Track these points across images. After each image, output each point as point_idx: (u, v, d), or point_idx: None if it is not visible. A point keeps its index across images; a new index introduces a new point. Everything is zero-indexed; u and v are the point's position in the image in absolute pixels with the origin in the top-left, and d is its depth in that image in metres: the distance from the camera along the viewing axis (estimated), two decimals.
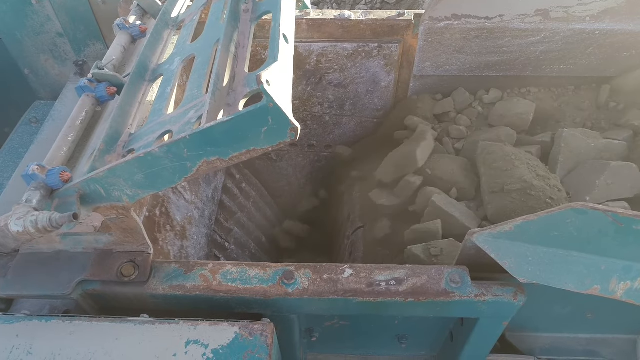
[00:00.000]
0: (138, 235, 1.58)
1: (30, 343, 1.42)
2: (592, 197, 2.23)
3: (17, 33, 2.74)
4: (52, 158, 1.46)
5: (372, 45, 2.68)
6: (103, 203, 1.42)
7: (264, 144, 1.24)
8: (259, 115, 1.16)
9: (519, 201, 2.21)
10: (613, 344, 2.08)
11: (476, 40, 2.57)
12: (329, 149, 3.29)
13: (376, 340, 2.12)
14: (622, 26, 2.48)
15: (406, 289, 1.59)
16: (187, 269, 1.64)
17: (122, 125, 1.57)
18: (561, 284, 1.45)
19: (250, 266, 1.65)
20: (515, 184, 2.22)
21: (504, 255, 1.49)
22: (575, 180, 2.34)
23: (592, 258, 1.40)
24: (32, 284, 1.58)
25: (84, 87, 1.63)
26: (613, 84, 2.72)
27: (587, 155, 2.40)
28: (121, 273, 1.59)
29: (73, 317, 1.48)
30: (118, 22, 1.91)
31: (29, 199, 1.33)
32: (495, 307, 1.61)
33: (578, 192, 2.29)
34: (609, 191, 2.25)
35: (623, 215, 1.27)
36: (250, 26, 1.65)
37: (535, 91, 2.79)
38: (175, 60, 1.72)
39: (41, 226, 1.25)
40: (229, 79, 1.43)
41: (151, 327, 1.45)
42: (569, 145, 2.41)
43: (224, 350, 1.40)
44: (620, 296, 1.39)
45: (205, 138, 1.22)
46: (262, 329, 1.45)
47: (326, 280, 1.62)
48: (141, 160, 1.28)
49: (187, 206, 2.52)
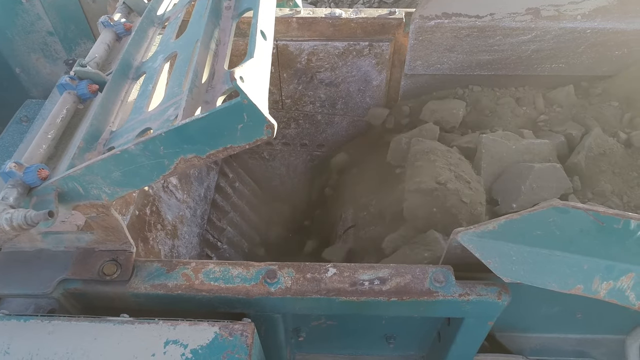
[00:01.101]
0: (120, 233, 1.57)
1: (8, 343, 1.41)
2: (519, 204, 2.23)
3: (7, 32, 2.74)
4: (31, 155, 1.45)
5: (363, 43, 2.66)
6: (82, 201, 1.41)
7: (240, 141, 1.23)
8: (233, 112, 1.15)
9: (430, 201, 2.21)
10: (602, 344, 2.06)
11: (467, 39, 2.56)
12: (321, 148, 3.28)
13: (364, 340, 2.11)
14: (614, 25, 2.47)
15: (389, 289, 1.58)
16: (169, 267, 1.62)
17: (104, 122, 1.56)
18: (544, 283, 1.44)
19: (233, 265, 1.64)
20: (428, 183, 2.22)
21: (488, 254, 1.48)
22: (502, 186, 2.34)
23: (574, 257, 1.39)
24: (13, 283, 1.57)
25: (65, 85, 1.61)
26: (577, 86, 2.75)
27: (509, 158, 2.39)
28: (103, 272, 1.58)
29: (52, 317, 1.47)
30: (102, 20, 1.90)
31: (5, 196, 1.31)
32: (480, 307, 1.60)
33: (505, 200, 2.28)
34: (535, 195, 2.24)
35: (604, 214, 1.26)
36: (231, 23, 1.63)
37: (478, 90, 2.80)
38: (158, 58, 1.71)
39: (16, 224, 1.24)
40: (208, 76, 1.42)
41: (130, 326, 1.44)
42: (490, 150, 2.40)
43: (203, 351, 1.39)
44: (604, 296, 1.38)
45: (180, 135, 1.21)
46: (242, 329, 1.44)
47: (309, 280, 1.60)
48: (118, 157, 1.27)
49: (179, 205, 2.50)
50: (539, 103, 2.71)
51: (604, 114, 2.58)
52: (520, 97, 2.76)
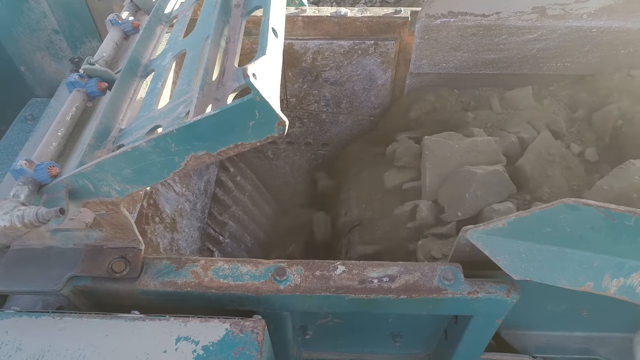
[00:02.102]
0: (129, 231, 1.57)
1: (19, 339, 1.42)
2: (464, 212, 2.24)
3: (12, 30, 2.73)
4: (41, 153, 1.45)
5: (369, 42, 2.66)
6: (92, 198, 1.41)
7: (251, 139, 1.23)
8: (245, 108, 1.15)
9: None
10: (609, 342, 2.06)
11: (473, 38, 2.56)
12: (325, 147, 3.28)
13: (370, 338, 2.11)
14: (620, 23, 2.47)
15: (399, 286, 1.58)
16: (178, 265, 1.63)
17: (113, 120, 1.56)
18: (554, 281, 1.44)
19: (243, 262, 1.64)
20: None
21: (497, 252, 1.48)
22: (446, 193, 2.33)
23: (585, 254, 1.39)
24: (22, 280, 1.57)
25: (75, 83, 1.62)
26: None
27: (454, 158, 2.38)
28: (112, 269, 1.59)
29: (63, 313, 1.48)
30: (110, 18, 1.91)
31: (16, 193, 1.32)
32: (489, 305, 1.60)
33: (451, 207, 2.28)
34: (480, 201, 2.24)
35: (615, 211, 1.26)
36: (241, 21, 1.64)
37: (444, 92, 2.81)
38: (167, 56, 1.71)
39: (28, 221, 1.24)
40: (219, 74, 1.42)
41: (141, 323, 1.44)
42: (433, 151, 2.40)
43: (214, 347, 1.39)
44: (614, 293, 1.38)
45: (192, 132, 1.21)
46: (253, 325, 1.44)
47: (318, 277, 1.61)
48: (129, 154, 1.27)
49: (177, 198, 2.49)
50: (495, 104, 2.72)
51: (556, 119, 2.59)
52: (479, 97, 2.78)
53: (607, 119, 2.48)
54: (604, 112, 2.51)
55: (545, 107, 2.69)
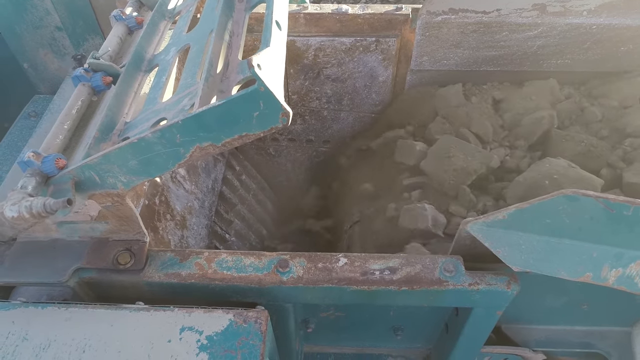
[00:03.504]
0: (134, 223, 1.59)
1: (26, 329, 1.43)
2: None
3: (15, 27, 2.75)
4: (48, 145, 1.47)
5: (370, 39, 2.68)
6: (98, 190, 1.43)
7: (256, 129, 1.25)
8: (250, 99, 1.17)
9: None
10: (608, 335, 2.08)
11: (473, 35, 2.58)
12: (327, 144, 3.29)
13: (372, 332, 2.13)
14: (620, 20, 2.49)
15: (400, 278, 1.60)
16: (182, 257, 1.64)
17: (118, 114, 1.58)
18: (554, 271, 1.46)
19: (246, 255, 1.65)
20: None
21: (497, 243, 1.50)
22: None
23: (584, 245, 1.41)
24: (28, 272, 1.59)
25: (80, 77, 1.64)
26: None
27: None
28: (117, 261, 1.60)
29: (69, 304, 1.49)
30: (115, 14, 1.93)
31: (24, 185, 1.33)
32: (489, 297, 1.61)
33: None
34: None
35: (614, 201, 1.28)
36: (244, 15, 1.66)
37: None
38: (171, 50, 1.73)
39: (35, 211, 1.26)
40: (223, 67, 1.44)
41: (146, 314, 1.46)
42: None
43: (218, 337, 1.41)
44: (612, 283, 1.39)
45: (197, 123, 1.23)
46: (257, 316, 1.46)
47: (321, 269, 1.62)
48: (134, 146, 1.29)
49: (187, 196, 2.52)
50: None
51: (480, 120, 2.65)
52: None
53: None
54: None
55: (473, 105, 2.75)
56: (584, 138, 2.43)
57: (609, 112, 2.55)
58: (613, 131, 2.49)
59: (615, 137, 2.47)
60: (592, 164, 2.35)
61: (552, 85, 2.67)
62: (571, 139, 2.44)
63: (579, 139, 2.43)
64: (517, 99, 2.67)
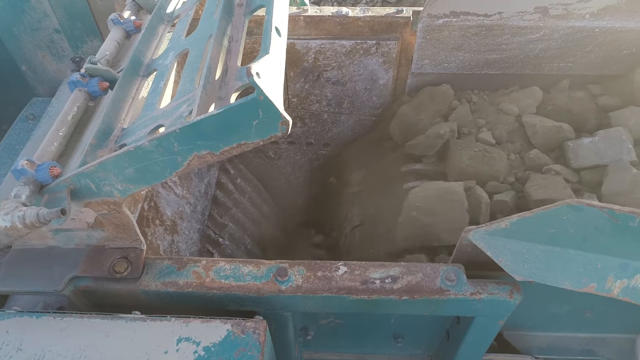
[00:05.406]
0: (130, 231, 1.56)
1: (20, 339, 1.41)
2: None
3: (14, 29, 2.73)
4: (43, 153, 1.45)
5: (370, 42, 2.66)
6: (94, 198, 1.41)
7: (255, 138, 1.22)
8: (249, 107, 1.15)
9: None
10: (612, 343, 2.06)
11: (475, 38, 2.55)
12: (327, 147, 3.27)
13: (372, 339, 2.11)
14: (622, 23, 2.46)
15: (401, 287, 1.58)
16: (180, 265, 1.62)
17: (115, 120, 1.56)
18: (557, 282, 1.43)
19: (244, 263, 1.63)
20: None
21: (499, 252, 1.48)
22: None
23: (588, 256, 1.38)
24: (23, 280, 1.56)
25: (76, 82, 1.61)
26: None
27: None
28: (113, 269, 1.58)
29: (64, 314, 1.47)
30: (112, 17, 1.90)
31: (17, 194, 1.31)
32: (491, 306, 1.59)
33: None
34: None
35: (619, 211, 1.25)
36: (244, 20, 1.63)
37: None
38: (169, 55, 1.71)
39: (29, 221, 1.24)
40: (222, 73, 1.42)
41: (142, 323, 1.44)
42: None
43: (215, 348, 1.39)
44: (617, 294, 1.37)
45: (195, 131, 1.20)
46: (255, 326, 1.43)
47: (320, 278, 1.60)
48: (131, 154, 1.27)
49: (178, 201, 2.49)
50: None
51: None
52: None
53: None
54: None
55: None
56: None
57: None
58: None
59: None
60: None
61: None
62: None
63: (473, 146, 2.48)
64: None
